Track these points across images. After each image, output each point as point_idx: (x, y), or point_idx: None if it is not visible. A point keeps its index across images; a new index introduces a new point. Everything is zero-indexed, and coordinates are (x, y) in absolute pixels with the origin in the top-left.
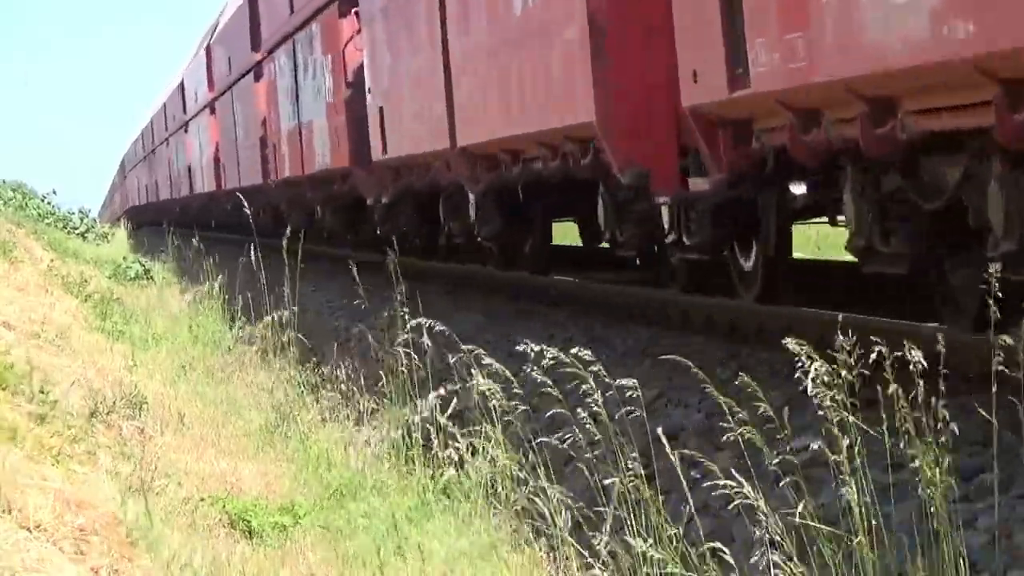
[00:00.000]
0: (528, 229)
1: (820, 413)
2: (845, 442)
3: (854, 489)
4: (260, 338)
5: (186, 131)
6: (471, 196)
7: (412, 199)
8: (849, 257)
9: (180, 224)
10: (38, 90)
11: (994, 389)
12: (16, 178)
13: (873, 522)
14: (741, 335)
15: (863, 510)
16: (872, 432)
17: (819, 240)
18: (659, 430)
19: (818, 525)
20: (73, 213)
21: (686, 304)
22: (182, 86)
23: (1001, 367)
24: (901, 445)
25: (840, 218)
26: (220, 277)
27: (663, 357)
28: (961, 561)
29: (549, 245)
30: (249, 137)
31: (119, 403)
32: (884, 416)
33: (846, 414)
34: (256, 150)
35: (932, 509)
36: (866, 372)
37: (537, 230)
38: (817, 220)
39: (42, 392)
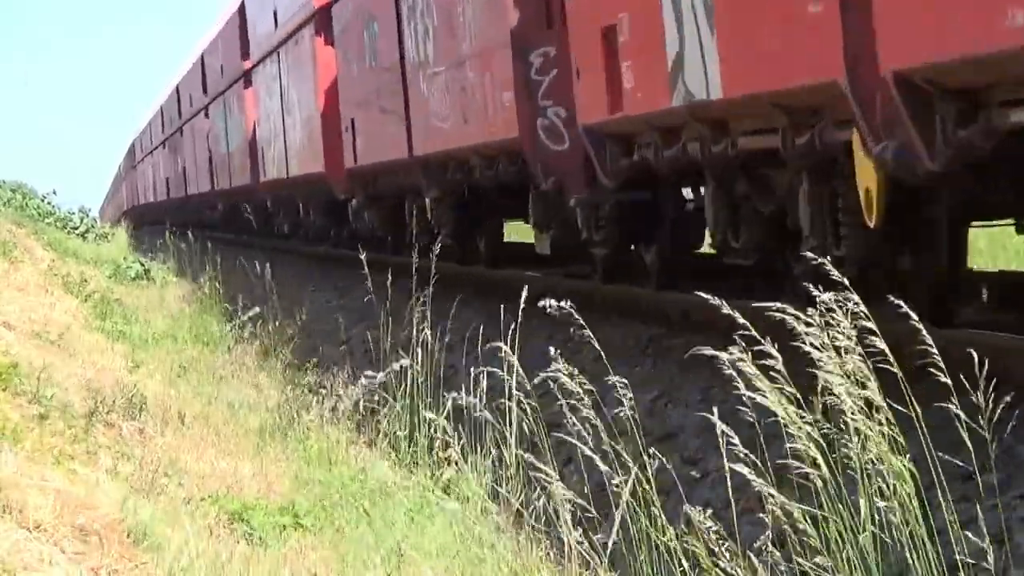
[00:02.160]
0: (480, 228)
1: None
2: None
3: (864, 489)
4: (260, 339)
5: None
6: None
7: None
8: None
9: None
10: (38, 90)
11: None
12: (16, 178)
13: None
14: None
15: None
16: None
17: None
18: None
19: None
20: (73, 213)
21: (687, 304)
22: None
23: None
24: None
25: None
26: (216, 272)
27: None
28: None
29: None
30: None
31: (119, 403)
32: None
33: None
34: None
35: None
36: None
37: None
38: None
39: (42, 392)
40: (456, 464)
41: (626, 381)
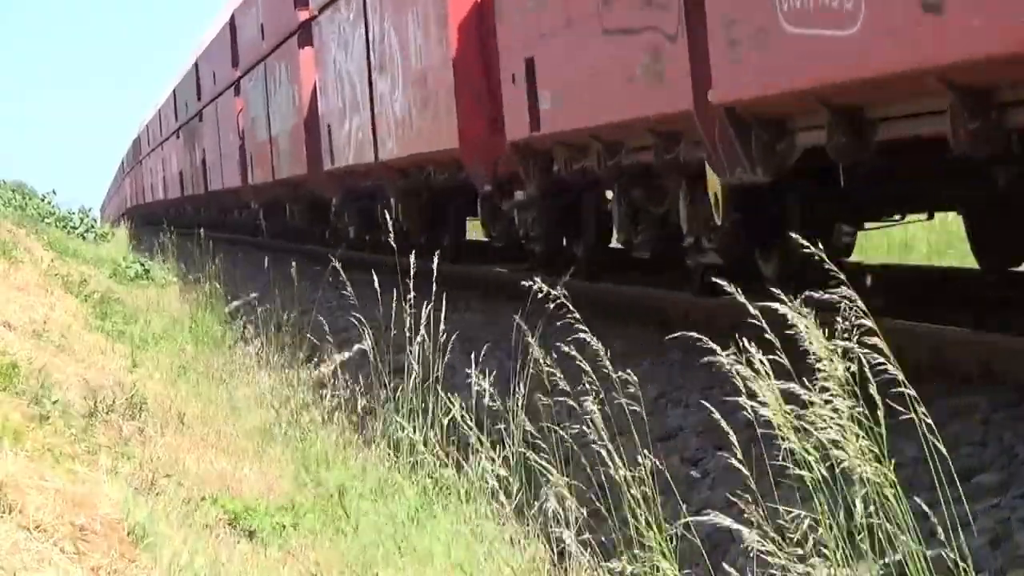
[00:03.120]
0: (445, 226)
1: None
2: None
3: (868, 486)
4: (261, 340)
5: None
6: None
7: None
8: None
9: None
10: (38, 90)
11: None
12: (16, 178)
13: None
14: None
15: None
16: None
17: None
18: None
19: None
20: (73, 213)
21: (686, 303)
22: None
23: None
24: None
25: None
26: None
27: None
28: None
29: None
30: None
31: (119, 403)
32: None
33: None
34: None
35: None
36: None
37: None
38: None
39: (42, 392)
40: (456, 464)
41: (635, 379)
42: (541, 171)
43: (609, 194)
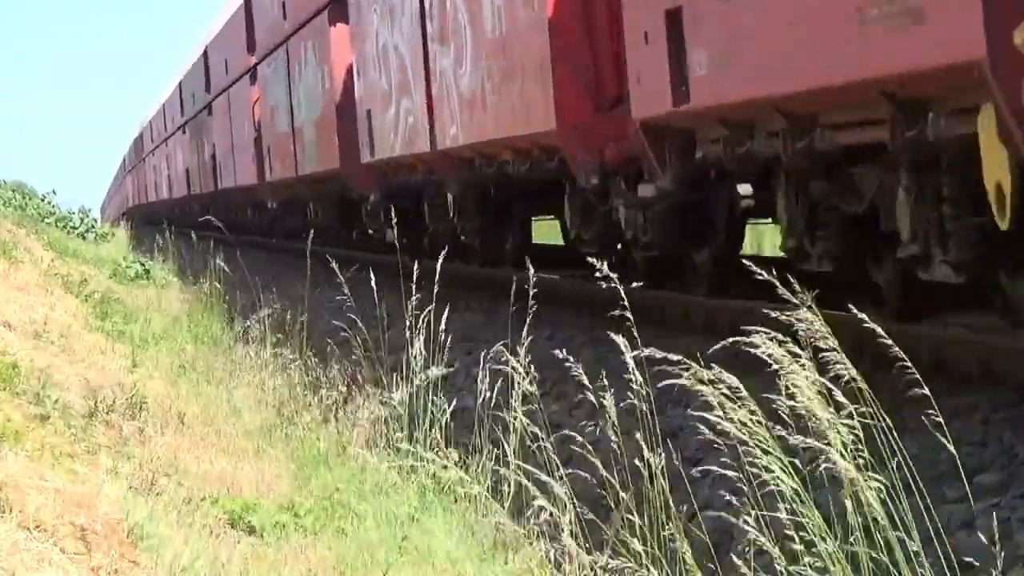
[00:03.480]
0: (509, 227)
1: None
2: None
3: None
4: (260, 339)
5: None
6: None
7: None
8: None
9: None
10: (38, 90)
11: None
12: (16, 178)
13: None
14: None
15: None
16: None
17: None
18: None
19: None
20: (73, 213)
21: (685, 303)
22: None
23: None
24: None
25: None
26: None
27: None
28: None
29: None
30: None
31: (119, 403)
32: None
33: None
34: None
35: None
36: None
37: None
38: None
39: (42, 392)
40: (457, 463)
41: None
42: (680, 157)
43: (745, 188)
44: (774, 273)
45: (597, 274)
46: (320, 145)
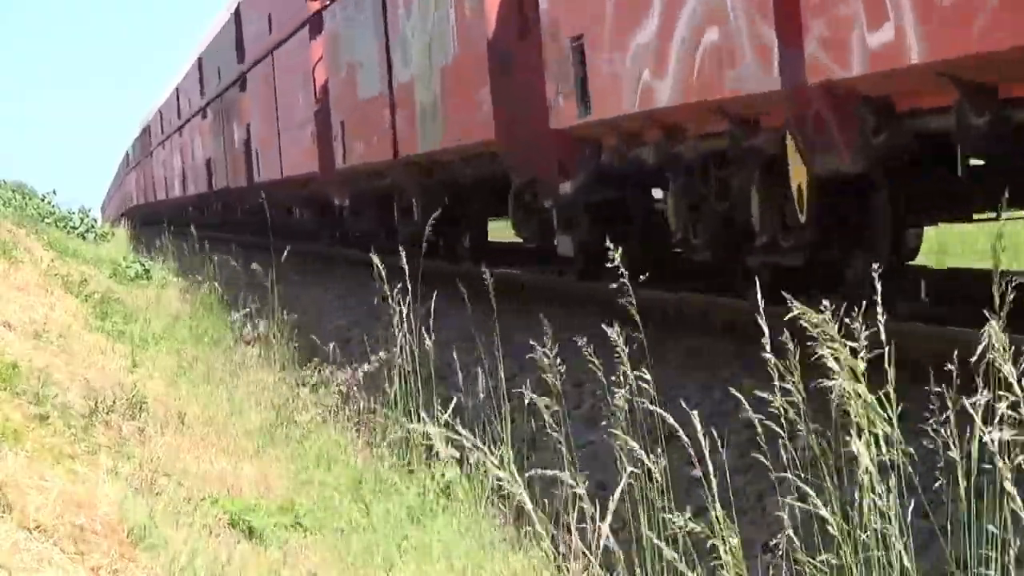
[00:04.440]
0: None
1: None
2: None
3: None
4: (260, 338)
5: None
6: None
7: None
8: None
9: None
10: (38, 90)
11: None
12: (16, 178)
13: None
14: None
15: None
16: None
17: None
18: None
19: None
20: (73, 213)
21: (684, 303)
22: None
23: None
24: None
25: None
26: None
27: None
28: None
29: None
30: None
31: (119, 403)
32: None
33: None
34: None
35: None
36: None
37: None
38: None
39: (42, 392)
40: (456, 463)
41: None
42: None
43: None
44: None
45: None
46: (454, 107)
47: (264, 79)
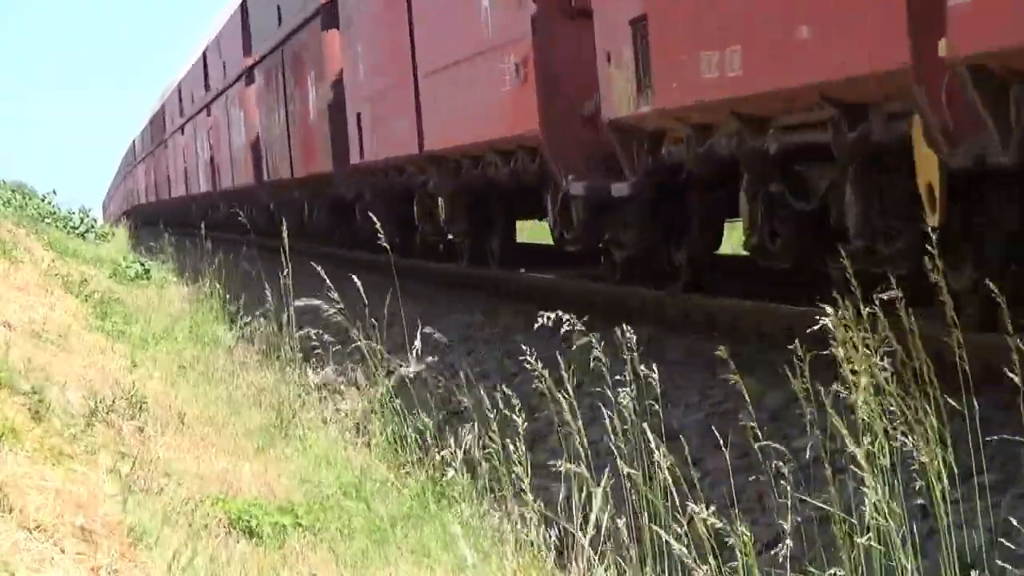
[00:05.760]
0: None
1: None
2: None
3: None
4: (261, 338)
5: None
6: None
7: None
8: None
9: None
10: (38, 90)
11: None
12: (16, 178)
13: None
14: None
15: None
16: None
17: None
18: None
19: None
20: (73, 213)
21: (684, 303)
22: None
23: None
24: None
25: None
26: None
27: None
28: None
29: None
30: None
31: (119, 403)
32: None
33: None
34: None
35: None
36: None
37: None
38: None
39: (42, 392)
40: (455, 465)
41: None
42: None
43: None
44: None
45: None
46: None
47: (305, 48)
